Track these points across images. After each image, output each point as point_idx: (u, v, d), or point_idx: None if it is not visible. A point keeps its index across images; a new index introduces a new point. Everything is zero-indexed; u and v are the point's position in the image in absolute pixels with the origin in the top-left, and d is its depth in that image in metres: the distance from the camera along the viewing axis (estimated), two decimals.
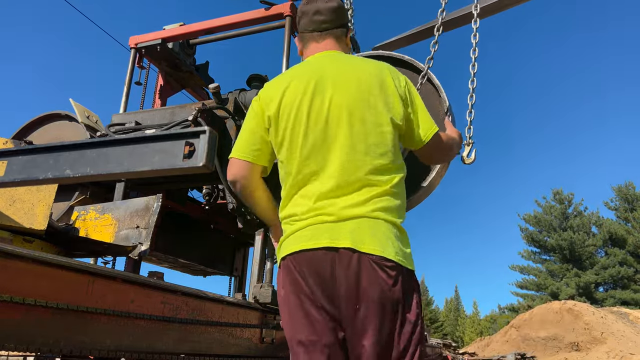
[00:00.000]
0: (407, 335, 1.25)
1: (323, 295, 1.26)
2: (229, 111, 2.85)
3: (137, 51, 3.84)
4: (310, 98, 1.41)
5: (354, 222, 1.28)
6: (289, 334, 1.33)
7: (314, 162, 1.36)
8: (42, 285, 1.62)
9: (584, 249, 30.01)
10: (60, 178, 1.87)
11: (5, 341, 1.49)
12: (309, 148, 1.37)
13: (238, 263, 4.51)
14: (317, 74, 1.45)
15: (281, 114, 1.43)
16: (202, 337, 2.25)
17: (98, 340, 1.78)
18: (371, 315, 1.22)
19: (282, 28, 3.41)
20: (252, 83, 3.88)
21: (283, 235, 1.40)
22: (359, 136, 1.36)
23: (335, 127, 1.37)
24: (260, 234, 2.90)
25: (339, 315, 1.26)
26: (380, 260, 1.24)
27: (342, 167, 1.33)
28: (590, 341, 12.57)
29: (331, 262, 1.25)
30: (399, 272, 1.26)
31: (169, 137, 1.75)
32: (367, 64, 1.51)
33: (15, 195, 2.41)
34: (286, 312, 1.33)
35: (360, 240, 1.26)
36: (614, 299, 27.72)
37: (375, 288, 1.23)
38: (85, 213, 2.80)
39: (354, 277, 1.23)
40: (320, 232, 1.29)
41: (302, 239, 1.31)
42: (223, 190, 3.39)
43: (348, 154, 1.34)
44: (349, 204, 1.30)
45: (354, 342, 1.25)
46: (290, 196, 1.41)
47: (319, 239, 1.28)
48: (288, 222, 1.39)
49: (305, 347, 1.27)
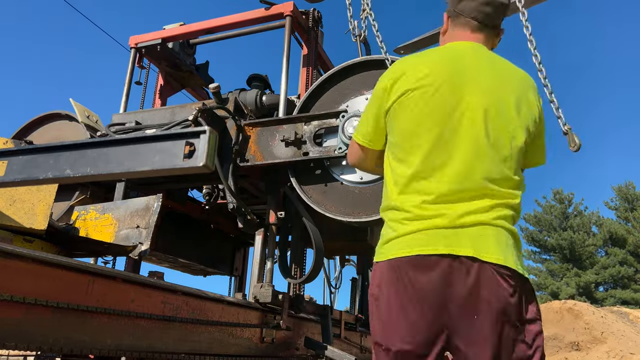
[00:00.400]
0: (530, 342, 1.21)
1: (432, 303, 1.21)
2: (229, 111, 2.86)
3: (137, 51, 3.84)
4: (449, 89, 1.33)
5: (475, 229, 1.24)
6: (379, 336, 1.29)
7: (439, 158, 1.29)
8: (42, 284, 1.62)
9: (584, 249, 29.99)
10: (60, 178, 1.87)
11: (5, 340, 1.50)
12: (435, 141, 1.30)
13: (238, 263, 4.51)
14: (463, 65, 1.38)
15: (412, 95, 1.34)
16: (203, 336, 2.25)
17: (98, 339, 1.79)
18: (491, 324, 1.18)
19: (282, 28, 3.40)
20: (252, 83, 3.89)
21: (391, 233, 1.33)
22: (492, 143, 1.29)
23: (469, 127, 1.30)
24: (261, 233, 2.90)
25: (449, 324, 1.21)
26: (501, 269, 1.21)
27: (467, 171, 1.27)
28: (591, 341, 12.57)
29: (448, 269, 1.21)
30: (517, 280, 1.23)
31: (169, 137, 1.75)
32: (515, 71, 1.45)
33: (16, 195, 2.41)
34: (383, 314, 1.29)
35: (483, 248, 1.21)
36: (614, 298, 27.71)
37: (496, 297, 1.19)
38: (85, 213, 2.80)
39: (473, 285, 1.19)
40: (437, 239, 1.23)
41: (416, 242, 1.25)
42: (223, 190, 3.39)
43: (476, 159, 1.28)
44: (469, 210, 1.25)
45: (469, 352, 1.21)
46: (401, 187, 1.33)
47: (436, 246, 1.23)
48: (398, 220, 1.32)
49: (394, 356, 1.24)
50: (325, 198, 2.65)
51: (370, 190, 2.57)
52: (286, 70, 3.23)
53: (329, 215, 2.59)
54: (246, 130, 2.87)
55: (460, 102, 1.32)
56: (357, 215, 2.55)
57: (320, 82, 2.89)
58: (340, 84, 2.85)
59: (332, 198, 2.64)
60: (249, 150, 2.82)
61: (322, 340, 3.12)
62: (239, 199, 2.71)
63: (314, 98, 2.90)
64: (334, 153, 2.61)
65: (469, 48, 1.45)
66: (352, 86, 2.81)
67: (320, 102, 2.88)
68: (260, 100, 3.62)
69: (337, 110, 2.72)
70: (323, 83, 2.88)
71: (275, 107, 3.54)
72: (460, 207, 1.25)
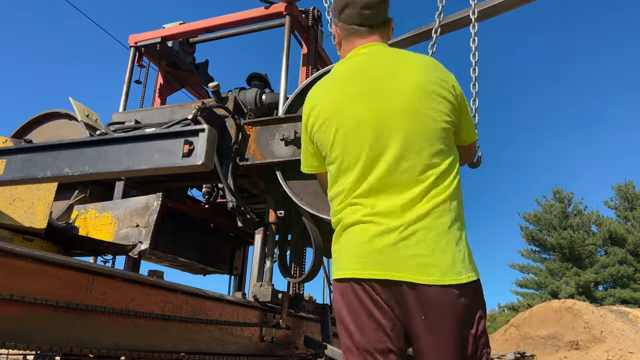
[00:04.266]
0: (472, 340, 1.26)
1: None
2: (229, 110, 2.85)
3: (136, 50, 3.84)
4: (362, 100, 1.38)
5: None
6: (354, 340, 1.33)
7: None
8: (42, 283, 1.62)
9: (584, 248, 30.00)
10: (59, 177, 1.86)
11: (5, 339, 1.49)
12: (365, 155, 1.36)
13: (238, 262, 4.51)
14: (367, 74, 1.42)
15: (328, 120, 1.42)
16: (202, 335, 2.25)
17: (98, 338, 1.78)
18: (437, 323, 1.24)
19: (282, 27, 3.40)
20: (252, 82, 3.88)
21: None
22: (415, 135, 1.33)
23: (389, 133, 1.34)
24: (260, 232, 2.90)
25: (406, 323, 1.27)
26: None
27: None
28: (590, 340, 12.58)
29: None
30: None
31: (168, 136, 1.75)
32: (419, 58, 1.47)
33: (15, 194, 2.41)
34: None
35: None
36: (613, 297, 27.73)
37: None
38: (85, 212, 2.80)
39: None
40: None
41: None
42: (223, 189, 3.39)
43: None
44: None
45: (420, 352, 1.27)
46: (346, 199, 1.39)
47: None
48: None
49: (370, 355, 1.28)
50: (316, 199, 2.64)
51: None
52: (286, 69, 3.22)
53: (322, 216, 2.58)
54: (246, 129, 2.86)
55: (380, 108, 1.36)
56: None
57: (305, 85, 2.88)
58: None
59: (325, 199, 2.63)
60: (248, 149, 2.81)
61: (321, 339, 3.13)
62: (238, 197, 2.70)
63: (300, 100, 2.88)
64: None
65: (371, 52, 1.48)
66: None
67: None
68: (260, 99, 3.62)
69: None
70: (307, 87, 2.87)
71: (275, 106, 3.54)
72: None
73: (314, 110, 1.47)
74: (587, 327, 12.98)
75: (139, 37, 3.86)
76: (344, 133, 1.39)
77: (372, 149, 1.34)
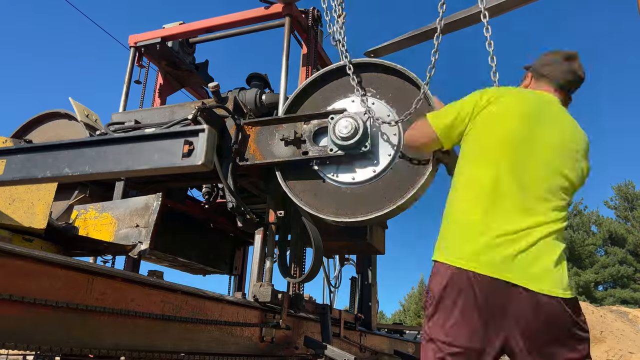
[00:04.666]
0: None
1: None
2: (229, 110, 2.85)
3: (136, 50, 3.84)
4: (531, 122, 1.58)
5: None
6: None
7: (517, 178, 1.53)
8: (41, 284, 1.61)
9: (584, 248, 30.00)
10: (59, 177, 1.87)
11: (5, 340, 1.49)
12: (515, 163, 1.53)
13: (238, 262, 4.51)
14: (545, 108, 1.65)
15: (498, 117, 1.59)
16: (202, 336, 2.25)
17: (98, 338, 1.78)
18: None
19: (281, 27, 3.40)
20: (252, 82, 3.88)
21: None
22: (549, 178, 1.54)
23: (542, 160, 1.55)
24: (260, 232, 2.90)
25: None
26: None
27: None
28: (590, 340, 12.58)
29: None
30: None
31: (168, 136, 1.75)
32: (579, 129, 1.71)
33: (15, 194, 2.41)
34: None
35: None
36: (613, 297, 27.72)
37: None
38: (84, 212, 2.80)
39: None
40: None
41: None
42: (222, 189, 3.39)
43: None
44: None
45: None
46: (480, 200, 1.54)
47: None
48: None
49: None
50: (315, 199, 2.64)
51: (361, 191, 2.56)
52: (286, 69, 3.22)
53: (321, 216, 2.58)
54: (245, 129, 2.86)
55: (541, 137, 1.57)
56: (348, 215, 2.53)
57: (304, 86, 2.87)
58: (324, 87, 2.84)
59: (324, 199, 2.62)
60: (248, 149, 2.81)
61: (321, 339, 3.12)
62: (238, 198, 2.70)
63: (300, 101, 2.88)
64: (329, 153, 2.59)
65: (550, 98, 1.72)
66: (336, 89, 2.80)
67: (306, 104, 2.86)
68: (260, 99, 3.62)
69: (337, 109, 2.70)
70: (307, 87, 2.87)
71: (275, 106, 3.53)
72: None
73: (502, 97, 1.63)
74: None
75: (139, 37, 3.86)
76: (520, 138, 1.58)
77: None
